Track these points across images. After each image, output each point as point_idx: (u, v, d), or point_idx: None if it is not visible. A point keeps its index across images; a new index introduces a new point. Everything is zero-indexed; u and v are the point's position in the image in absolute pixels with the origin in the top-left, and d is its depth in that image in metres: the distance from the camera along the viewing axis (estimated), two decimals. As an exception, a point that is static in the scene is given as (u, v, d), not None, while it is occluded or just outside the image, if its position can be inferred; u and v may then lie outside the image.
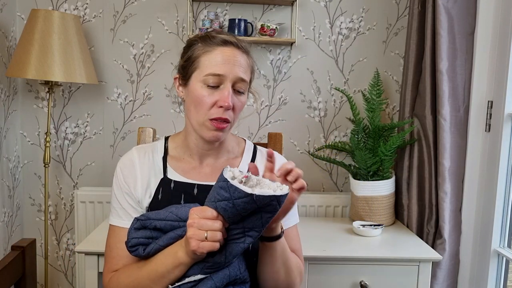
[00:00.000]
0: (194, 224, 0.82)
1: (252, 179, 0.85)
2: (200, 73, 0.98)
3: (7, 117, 1.97)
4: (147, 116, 2.09)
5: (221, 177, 0.81)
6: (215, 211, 0.81)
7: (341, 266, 1.54)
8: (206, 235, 0.80)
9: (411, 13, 1.89)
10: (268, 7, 2.06)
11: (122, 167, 1.05)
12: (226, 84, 0.97)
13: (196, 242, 0.81)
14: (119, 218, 1.02)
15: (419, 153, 1.88)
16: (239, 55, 0.99)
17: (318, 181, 2.16)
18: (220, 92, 0.97)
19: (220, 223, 0.81)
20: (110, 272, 1.00)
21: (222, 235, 0.82)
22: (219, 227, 0.81)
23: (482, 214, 1.72)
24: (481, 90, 1.72)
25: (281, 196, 0.81)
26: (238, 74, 0.97)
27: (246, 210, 0.80)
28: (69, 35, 1.79)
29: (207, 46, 0.99)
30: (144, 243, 0.93)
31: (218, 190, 0.81)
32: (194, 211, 0.83)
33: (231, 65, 0.97)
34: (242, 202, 0.78)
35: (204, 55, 0.98)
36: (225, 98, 0.95)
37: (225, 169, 0.83)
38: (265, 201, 0.79)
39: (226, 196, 0.80)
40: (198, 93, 0.98)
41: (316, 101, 2.12)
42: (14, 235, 2.04)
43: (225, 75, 0.96)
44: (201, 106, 0.97)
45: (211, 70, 0.96)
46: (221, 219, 0.82)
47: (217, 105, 0.96)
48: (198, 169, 1.06)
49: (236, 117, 1.01)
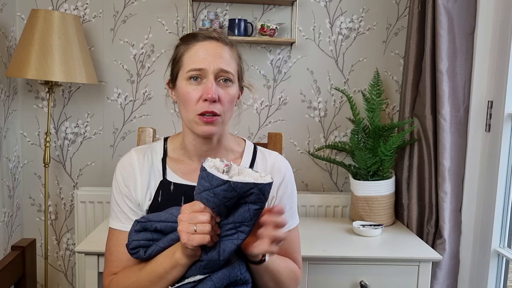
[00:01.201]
0: (183, 218, 0.82)
1: (234, 168, 0.85)
2: (183, 71, 0.98)
3: (7, 117, 1.97)
4: (147, 116, 2.09)
5: (201, 167, 0.82)
6: (202, 203, 0.82)
7: (341, 266, 1.54)
8: (195, 228, 0.81)
9: (411, 13, 1.89)
10: (268, 7, 2.06)
11: (121, 169, 1.04)
12: (209, 77, 0.96)
13: (186, 235, 0.81)
14: (119, 221, 1.02)
15: (419, 153, 1.88)
16: (219, 48, 0.99)
17: (318, 181, 2.16)
18: (203, 86, 0.96)
19: (208, 215, 0.82)
20: (110, 275, 1.00)
21: (213, 229, 0.82)
22: (207, 219, 0.81)
23: (482, 214, 1.72)
24: (481, 90, 1.72)
25: (262, 184, 0.80)
26: (219, 66, 0.96)
27: (227, 198, 0.80)
28: (69, 35, 1.79)
29: (188, 44, 1.00)
30: (145, 245, 0.93)
31: (200, 181, 0.82)
32: (185, 206, 0.84)
33: (211, 57, 0.96)
34: (221, 190, 0.79)
35: (186, 53, 0.99)
36: (208, 91, 0.94)
37: (205, 160, 0.84)
38: (244, 189, 0.79)
39: (206, 186, 0.80)
40: (183, 90, 0.98)
41: (316, 101, 2.12)
42: (14, 235, 2.04)
43: (205, 68, 0.96)
44: (188, 102, 0.97)
45: (192, 66, 0.96)
46: (209, 211, 0.82)
47: (202, 99, 0.96)
48: (197, 170, 1.05)
49: (227, 110, 0.99)
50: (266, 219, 0.85)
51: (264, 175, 0.83)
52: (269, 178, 0.82)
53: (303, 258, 1.14)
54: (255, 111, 2.11)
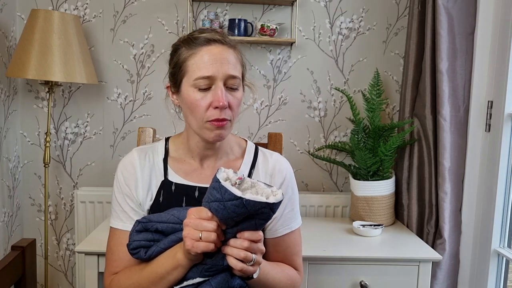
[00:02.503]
0: (190, 223, 0.82)
1: (247, 181, 0.84)
2: (189, 77, 0.95)
3: (7, 117, 1.97)
4: (147, 116, 2.09)
5: (215, 177, 0.81)
6: (210, 211, 0.81)
7: (341, 266, 1.54)
8: (201, 235, 0.80)
9: (411, 13, 1.89)
10: (268, 7, 2.06)
11: (122, 169, 1.04)
12: (218, 83, 0.94)
13: (190, 241, 0.81)
14: (120, 220, 1.02)
15: (419, 153, 1.88)
16: (225, 52, 0.96)
17: (318, 181, 2.16)
18: (213, 92, 0.94)
19: (215, 224, 0.81)
20: (111, 274, 1.00)
21: (219, 237, 0.82)
22: (214, 228, 0.81)
23: (482, 214, 1.72)
24: (481, 90, 1.72)
25: (273, 204, 0.79)
26: (228, 72, 0.94)
27: (237, 214, 0.79)
28: (69, 35, 1.79)
29: (191, 48, 0.96)
30: (146, 246, 0.93)
31: (211, 191, 0.81)
32: (192, 211, 0.84)
33: (218, 63, 0.94)
34: (232, 205, 0.78)
35: (190, 59, 0.96)
36: (219, 98, 0.93)
37: (219, 170, 0.83)
38: (256, 207, 0.78)
39: (218, 197, 0.79)
40: (191, 98, 0.95)
41: (316, 101, 2.12)
42: (14, 235, 2.04)
43: (214, 75, 0.93)
44: (197, 110, 0.95)
45: (200, 73, 0.94)
46: (217, 220, 0.82)
47: (212, 106, 0.94)
48: (199, 171, 1.05)
49: (235, 114, 0.99)
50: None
51: (275, 191, 0.82)
52: (280, 195, 0.81)
53: (303, 258, 1.14)
54: (255, 111, 2.11)
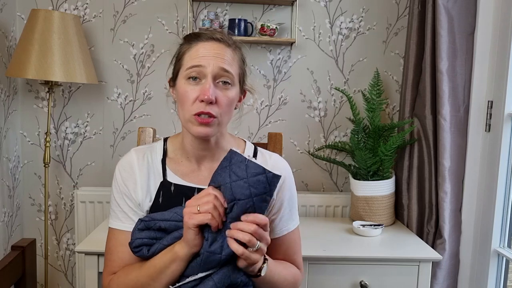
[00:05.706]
0: (190, 203, 0.87)
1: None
2: (183, 69, 0.98)
3: (7, 117, 1.97)
4: (147, 116, 2.09)
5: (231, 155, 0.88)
6: (210, 188, 0.85)
7: (341, 266, 1.54)
8: (199, 208, 0.84)
9: (411, 13, 1.89)
10: (268, 7, 2.06)
11: (121, 170, 1.04)
12: (207, 77, 0.95)
13: (188, 215, 0.84)
14: (119, 221, 1.02)
15: (419, 153, 1.88)
16: (221, 48, 0.97)
17: (318, 181, 2.16)
18: (201, 86, 0.95)
19: (212, 195, 0.84)
20: (110, 274, 1.00)
21: (218, 210, 0.84)
22: (211, 199, 0.83)
23: (482, 214, 1.72)
24: (481, 90, 1.72)
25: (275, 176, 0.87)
26: (218, 65, 0.95)
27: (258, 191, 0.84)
28: (69, 35, 1.79)
29: (191, 43, 0.99)
30: (148, 244, 0.94)
31: (233, 167, 0.86)
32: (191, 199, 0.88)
33: (211, 56, 0.95)
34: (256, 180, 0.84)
35: (187, 52, 0.98)
36: (205, 91, 0.93)
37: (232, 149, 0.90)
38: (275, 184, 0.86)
39: (240, 175, 0.85)
40: (182, 89, 0.97)
41: (316, 101, 2.12)
42: (14, 235, 2.04)
43: (204, 66, 0.94)
44: (185, 101, 0.96)
45: (191, 63, 0.96)
46: (217, 193, 0.84)
47: (199, 99, 0.94)
48: (196, 172, 1.04)
49: (225, 112, 0.97)
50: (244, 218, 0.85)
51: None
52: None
53: (303, 258, 1.14)
54: (255, 111, 2.11)
